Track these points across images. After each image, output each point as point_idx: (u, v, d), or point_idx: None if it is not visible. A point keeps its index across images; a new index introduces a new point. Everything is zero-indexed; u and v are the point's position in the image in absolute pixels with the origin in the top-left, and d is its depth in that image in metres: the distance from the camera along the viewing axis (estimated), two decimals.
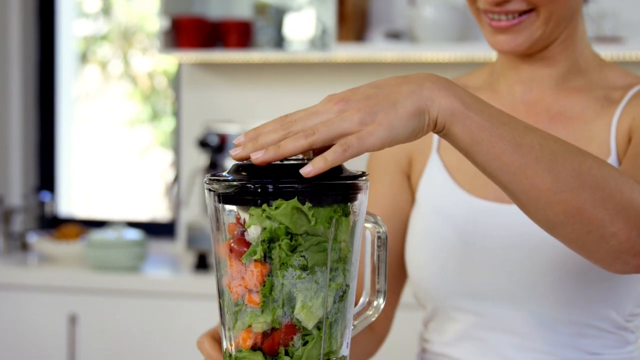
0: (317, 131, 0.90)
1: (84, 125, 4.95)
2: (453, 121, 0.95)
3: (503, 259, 1.30)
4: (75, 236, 3.59)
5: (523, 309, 1.30)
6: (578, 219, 0.97)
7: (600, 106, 1.32)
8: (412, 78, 0.96)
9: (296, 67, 3.75)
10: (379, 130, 0.91)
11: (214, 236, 0.96)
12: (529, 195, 0.97)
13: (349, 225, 0.95)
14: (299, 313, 0.93)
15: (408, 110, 0.93)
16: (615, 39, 3.26)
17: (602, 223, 0.98)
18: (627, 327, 1.31)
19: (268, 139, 0.92)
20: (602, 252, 1.01)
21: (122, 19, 5.55)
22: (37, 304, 3.33)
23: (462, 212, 1.34)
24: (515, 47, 1.29)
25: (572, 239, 1.00)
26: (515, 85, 1.37)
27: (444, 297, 1.34)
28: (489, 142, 0.95)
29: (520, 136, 0.96)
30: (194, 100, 3.85)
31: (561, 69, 1.34)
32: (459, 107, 0.94)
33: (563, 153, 0.97)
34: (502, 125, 0.96)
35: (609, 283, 1.27)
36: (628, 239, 0.99)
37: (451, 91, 0.95)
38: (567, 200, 0.97)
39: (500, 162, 0.96)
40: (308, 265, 0.92)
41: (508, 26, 1.28)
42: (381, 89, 0.94)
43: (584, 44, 1.35)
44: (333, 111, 0.93)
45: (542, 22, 1.27)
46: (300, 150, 0.90)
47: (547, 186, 0.96)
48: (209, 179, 0.94)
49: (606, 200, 0.98)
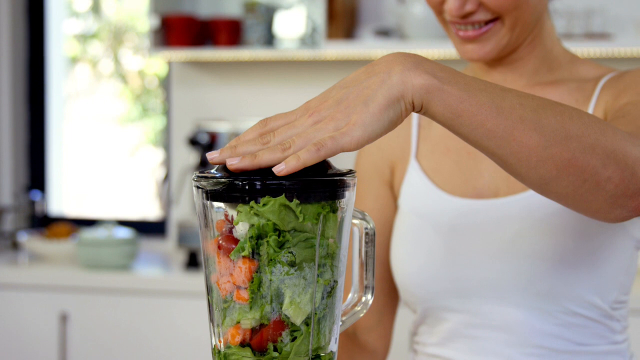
0: (293, 144, 0.91)
1: (75, 124, 4.95)
2: (430, 98, 0.94)
3: (484, 254, 1.31)
4: (65, 235, 3.59)
5: (509, 303, 1.31)
6: (571, 170, 0.98)
7: (574, 98, 1.35)
8: (380, 65, 0.95)
9: (286, 65, 3.76)
10: (353, 130, 0.91)
11: (202, 233, 0.97)
12: (519, 157, 0.97)
13: (336, 221, 0.95)
14: (287, 309, 0.93)
15: (380, 104, 0.92)
16: (603, 35, 3.28)
17: (595, 169, 0.98)
18: (612, 315, 1.32)
19: (246, 149, 0.93)
20: (600, 200, 1.01)
21: (112, 18, 5.54)
22: (28, 303, 3.33)
23: (442, 212, 1.36)
24: (484, 55, 1.32)
25: (568, 193, 1.00)
26: None
27: (431, 298, 1.36)
28: (470, 111, 0.94)
29: (499, 99, 0.96)
30: (184, 98, 3.85)
31: (531, 67, 1.37)
32: (434, 83, 0.94)
33: (544, 107, 0.98)
34: (480, 92, 0.95)
35: (589, 268, 1.28)
36: (622, 180, 0.99)
37: (422, 68, 0.94)
38: (557, 154, 0.97)
39: (484, 129, 0.95)
40: (296, 261, 0.92)
41: (475, 36, 1.30)
42: (351, 88, 0.94)
43: (553, 40, 1.38)
44: (308, 123, 0.93)
45: (507, 29, 1.30)
46: (276, 162, 0.90)
47: (535, 143, 0.96)
48: (197, 176, 0.94)
49: (595, 145, 0.98)
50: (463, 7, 1.28)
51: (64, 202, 4.24)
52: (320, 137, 0.91)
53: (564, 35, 3.29)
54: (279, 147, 0.91)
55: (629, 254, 1.31)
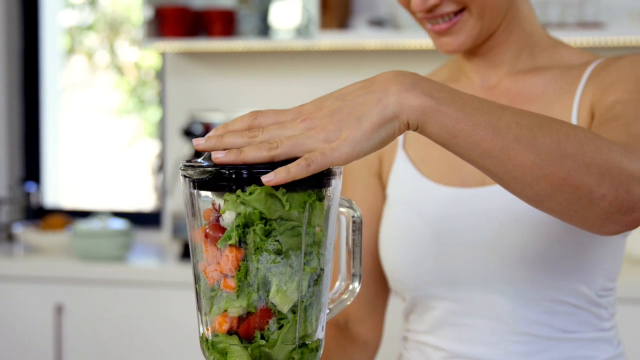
0: (280, 145, 0.91)
1: (71, 116, 4.95)
2: (425, 119, 0.94)
3: (471, 243, 1.32)
4: (61, 226, 3.59)
5: (495, 291, 1.31)
6: (566, 188, 0.98)
7: (559, 86, 1.35)
8: (378, 83, 0.95)
9: (280, 56, 3.76)
10: (343, 146, 0.91)
11: (189, 222, 0.97)
12: (515, 175, 0.97)
13: (323, 209, 0.95)
14: (274, 297, 0.94)
15: (374, 122, 0.92)
16: (596, 24, 3.28)
17: (589, 188, 0.98)
18: (599, 302, 1.33)
19: (232, 140, 0.93)
20: (594, 216, 1.01)
21: (108, 9, 5.53)
22: (24, 295, 3.33)
23: (429, 200, 1.36)
24: (459, 46, 1.33)
25: (562, 209, 1.01)
26: (473, 75, 1.41)
27: (419, 286, 1.36)
28: (466, 132, 0.95)
29: (496, 119, 0.96)
30: (178, 89, 3.85)
31: (512, 53, 1.38)
32: (430, 104, 0.94)
33: (540, 126, 0.98)
34: (476, 112, 0.96)
35: (575, 258, 1.29)
36: (616, 197, 0.99)
37: (420, 89, 0.94)
38: (552, 173, 0.97)
39: (480, 148, 0.96)
40: (282, 249, 0.93)
41: (446, 28, 1.31)
42: (347, 101, 0.94)
43: (533, 26, 1.38)
44: (299, 128, 0.93)
45: (476, 18, 1.30)
46: (260, 160, 0.91)
47: (530, 163, 0.96)
48: (184, 165, 0.95)
49: (589, 164, 0.98)
50: (426, 1, 1.29)
51: (59, 193, 4.24)
52: (309, 146, 0.91)
53: (557, 24, 3.29)
54: (266, 145, 0.91)
55: (614, 241, 1.31)
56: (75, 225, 3.42)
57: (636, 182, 1.00)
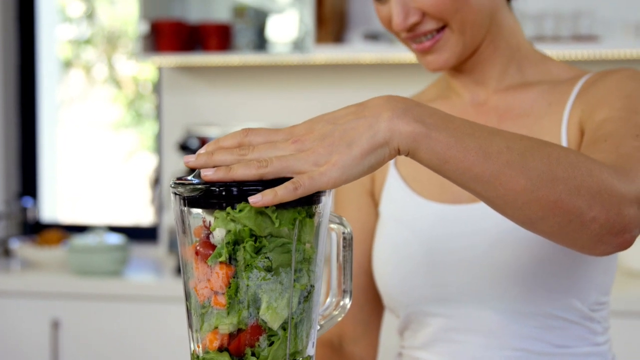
0: (270, 164, 0.92)
1: (68, 130, 4.95)
2: (416, 146, 0.94)
3: (463, 259, 1.32)
4: (57, 241, 3.59)
5: (488, 307, 1.31)
6: (557, 211, 0.98)
7: (548, 101, 1.35)
8: (370, 109, 0.95)
9: (276, 70, 3.77)
10: (331, 171, 0.92)
11: (180, 239, 0.97)
12: (506, 199, 0.98)
13: (313, 226, 0.96)
14: (264, 314, 0.94)
15: (363, 148, 0.93)
16: (591, 37, 3.29)
17: (580, 210, 0.99)
18: (592, 317, 1.33)
19: (222, 158, 0.94)
20: (585, 238, 1.02)
21: (105, 23, 5.54)
22: (20, 310, 3.33)
23: (421, 217, 1.37)
24: (444, 63, 1.34)
25: (554, 232, 1.01)
26: (462, 92, 1.42)
27: (412, 303, 1.37)
28: (457, 157, 0.95)
29: (487, 144, 0.96)
30: (174, 103, 3.86)
31: (499, 68, 1.38)
32: (421, 131, 0.94)
33: (531, 150, 0.98)
34: (467, 138, 0.96)
35: (568, 273, 1.29)
36: (607, 220, 1.00)
37: (411, 115, 0.95)
38: (543, 197, 0.97)
39: (471, 173, 0.96)
40: (272, 266, 0.93)
41: (430, 46, 1.32)
42: (338, 125, 0.94)
43: (519, 40, 1.39)
44: (289, 149, 0.94)
45: (457, 34, 1.31)
46: (249, 178, 0.91)
47: (521, 187, 0.97)
48: (174, 183, 0.95)
49: (580, 187, 0.99)
50: (407, 19, 1.30)
51: (56, 208, 4.24)
52: (298, 167, 0.92)
53: (552, 38, 3.30)
54: (256, 163, 0.92)
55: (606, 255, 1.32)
56: (72, 240, 3.42)
57: (627, 203, 1.01)
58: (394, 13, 1.31)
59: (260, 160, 0.92)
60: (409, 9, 1.30)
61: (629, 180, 1.03)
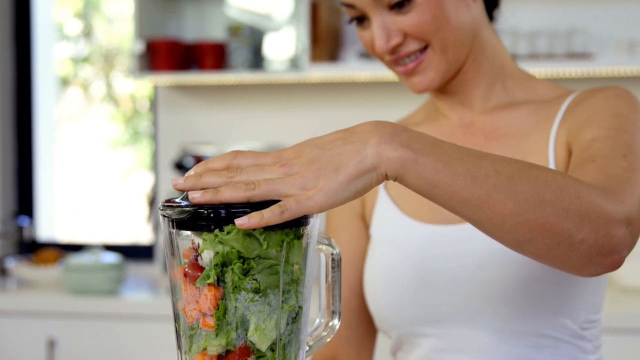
0: (257, 187, 0.92)
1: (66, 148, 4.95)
2: (404, 171, 0.95)
3: (454, 279, 1.33)
4: (53, 261, 3.60)
5: (478, 327, 1.32)
6: (545, 233, 0.99)
7: (534, 121, 1.36)
8: (357, 134, 0.96)
9: (271, 88, 3.78)
10: (318, 196, 0.92)
11: (169, 261, 0.98)
12: (494, 223, 0.98)
13: (301, 248, 0.96)
14: (252, 335, 0.94)
15: (350, 174, 0.93)
16: (585, 55, 3.30)
17: (569, 232, 0.99)
18: (583, 335, 1.33)
19: (210, 180, 0.94)
20: (575, 259, 1.02)
21: (103, 41, 5.55)
22: (16, 329, 3.33)
23: (411, 239, 1.37)
24: (429, 84, 1.35)
25: (543, 254, 1.02)
26: (449, 113, 1.43)
27: (404, 324, 1.37)
28: (445, 182, 0.96)
29: (474, 168, 0.97)
30: (170, 122, 3.87)
31: (484, 87, 1.39)
32: (409, 156, 0.95)
33: (518, 173, 0.99)
34: (455, 162, 0.96)
35: (557, 292, 1.29)
36: (596, 241, 1.00)
37: (399, 141, 0.95)
38: (531, 219, 0.98)
39: (460, 197, 0.96)
40: (260, 288, 0.94)
41: (414, 67, 1.33)
42: (326, 150, 0.95)
43: (502, 60, 1.40)
44: (278, 172, 0.94)
45: (439, 53, 1.32)
46: (237, 200, 0.92)
47: (509, 210, 0.97)
48: (163, 205, 0.96)
49: (568, 209, 0.99)
50: (389, 41, 1.31)
51: (53, 227, 4.24)
52: (285, 191, 0.92)
53: (546, 55, 3.32)
54: (243, 185, 0.93)
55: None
56: (68, 259, 3.42)
57: (615, 224, 1.01)
58: (376, 36, 1.32)
59: (248, 182, 0.93)
60: (390, 32, 1.32)
61: (618, 201, 1.03)
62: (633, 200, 1.06)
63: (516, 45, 3.35)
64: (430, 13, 1.30)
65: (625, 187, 1.07)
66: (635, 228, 1.05)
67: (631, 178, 1.10)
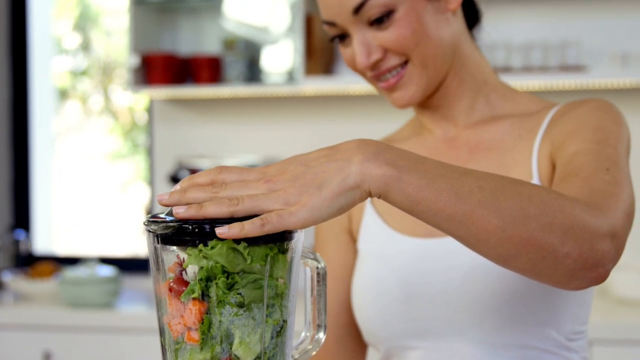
0: (241, 202, 0.93)
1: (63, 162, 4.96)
2: (388, 189, 0.96)
3: (440, 292, 1.33)
4: (49, 274, 3.60)
5: (465, 339, 1.32)
6: (530, 248, 0.99)
7: (518, 134, 1.37)
8: (342, 152, 0.97)
9: (266, 101, 3.79)
10: (301, 212, 0.93)
11: (154, 276, 0.99)
12: (478, 238, 0.99)
13: (286, 262, 0.97)
14: (237, 349, 0.95)
15: (333, 191, 0.94)
16: (578, 67, 3.32)
17: (553, 247, 1.00)
18: (569, 346, 1.33)
19: (195, 195, 0.95)
20: (559, 274, 1.02)
21: (101, 55, 5.57)
22: (12, 342, 3.33)
23: (397, 252, 1.38)
24: (410, 99, 1.36)
25: (527, 268, 1.02)
26: (433, 128, 1.44)
27: (391, 337, 1.38)
28: (429, 199, 0.96)
29: (458, 185, 0.97)
30: (166, 135, 3.88)
31: (467, 102, 1.41)
32: (393, 174, 0.95)
33: (502, 189, 0.99)
34: (439, 179, 0.97)
35: (543, 304, 1.30)
36: (580, 255, 1.01)
37: (382, 159, 0.96)
38: (515, 235, 0.98)
39: (443, 214, 0.97)
40: (245, 302, 0.94)
41: (395, 82, 1.35)
42: (310, 167, 0.96)
43: (485, 74, 1.41)
44: (262, 188, 0.95)
45: (420, 68, 1.34)
46: (220, 215, 0.93)
47: (493, 226, 0.98)
48: (148, 221, 0.97)
49: (552, 224, 1.00)
50: (369, 57, 1.33)
51: (50, 240, 4.25)
52: (268, 206, 0.93)
53: (539, 68, 3.33)
54: (227, 201, 0.93)
55: None
56: (63, 272, 3.43)
57: (599, 238, 1.02)
58: (356, 52, 1.34)
59: (231, 198, 0.94)
60: (370, 47, 1.33)
61: (602, 215, 1.04)
62: (617, 214, 1.06)
63: (510, 57, 3.36)
64: (410, 28, 1.31)
65: (609, 201, 1.08)
66: (619, 241, 1.05)
67: (614, 192, 1.11)
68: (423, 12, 1.32)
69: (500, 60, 3.36)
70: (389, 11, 1.31)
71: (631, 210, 1.11)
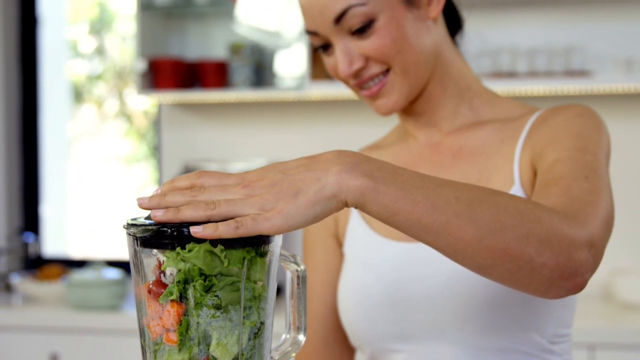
0: (218, 206, 0.95)
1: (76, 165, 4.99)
2: (364, 200, 0.97)
3: (423, 295, 1.34)
4: (57, 276, 3.63)
5: (448, 342, 1.33)
6: (506, 258, 1.00)
7: (500, 139, 1.38)
8: (320, 163, 0.98)
9: (272, 106, 3.81)
10: (275, 218, 0.95)
11: (134, 278, 1.00)
12: (455, 248, 1.00)
13: (264, 265, 0.99)
14: (214, 350, 0.97)
15: (309, 200, 0.96)
16: (583, 72, 3.32)
17: (529, 257, 1.00)
18: (552, 349, 1.34)
19: (173, 199, 0.97)
20: (537, 283, 1.03)
21: (116, 59, 5.60)
22: (20, 344, 3.36)
23: (381, 256, 1.39)
24: (393, 106, 1.37)
25: (505, 278, 1.03)
26: (417, 133, 1.45)
27: (376, 340, 1.39)
28: (406, 210, 0.97)
29: (435, 195, 0.98)
30: (173, 140, 3.90)
31: (450, 108, 1.42)
32: (369, 185, 0.97)
33: (479, 200, 1.00)
34: (416, 190, 0.98)
35: (524, 308, 1.30)
36: (557, 265, 1.02)
37: (360, 170, 0.97)
38: (491, 245, 0.99)
39: (420, 225, 0.98)
40: (222, 304, 0.96)
41: (377, 90, 1.36)
42: (288, 175, 0.97)
43: (468, 81, 1.42)
44: (239, 193, 0.97)
45: (401, 75, 1.35)
46: (197, 219, 0.94)
47: (470, 236, 0.99)
48: (127, 224, 0.99)
49: (529, 234, 1.00)
50: (351, 65, 1.34)
51: (61, 243, 4.28)
52: (244, 211, 0.95)
53: (544, 73, 3.34)
54: (204, 205, 0.95)
55: None
56: (71, 275, 3.46)
57: (576, 248, 1.02)
58: (339, 61, 1.35)
59: (208, 202, 0.96)
60: (352, 56, 1.34)
61: (579, 224, 1.05)
62: (595, 223, 1.07)
63: (515, 63, 3.37)
64: (390, 36, 1.32)
65: (587, 209, 1.08)
66: (597, 250, 1.06)
67: (593, 200, 1.11)
68: (403, 20, 1.33)
69: (505, 66, 3.37)
70: (369, 21, 1.32)
71: (610, 217, 1.12)
